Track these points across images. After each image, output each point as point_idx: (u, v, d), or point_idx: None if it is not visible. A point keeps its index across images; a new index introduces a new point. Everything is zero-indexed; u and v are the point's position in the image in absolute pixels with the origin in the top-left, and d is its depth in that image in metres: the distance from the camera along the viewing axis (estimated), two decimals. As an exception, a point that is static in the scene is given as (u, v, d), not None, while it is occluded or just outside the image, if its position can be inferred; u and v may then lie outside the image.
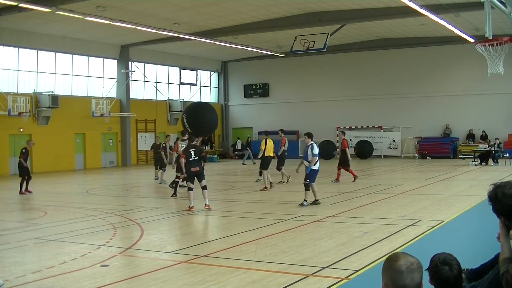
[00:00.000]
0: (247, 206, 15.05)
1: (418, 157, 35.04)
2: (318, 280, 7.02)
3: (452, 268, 3.19)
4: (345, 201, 14.93)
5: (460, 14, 25.15)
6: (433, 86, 35.50)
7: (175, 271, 7.72)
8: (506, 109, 33.48)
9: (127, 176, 28.23)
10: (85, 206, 15.42)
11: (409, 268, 2.66)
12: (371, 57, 37.19)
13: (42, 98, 29.22)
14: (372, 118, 37.31)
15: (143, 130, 36.14)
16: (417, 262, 2.71)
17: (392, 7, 25.57)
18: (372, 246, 8.92)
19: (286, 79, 40.54)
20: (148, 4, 24.95)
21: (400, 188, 18.01)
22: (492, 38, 17.77)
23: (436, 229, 10.40)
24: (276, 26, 29.36)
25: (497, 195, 3.44)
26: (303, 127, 39.34)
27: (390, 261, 2.71)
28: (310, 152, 13.76)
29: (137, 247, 9.52)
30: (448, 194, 16.34)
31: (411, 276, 2.65)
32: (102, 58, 33.71)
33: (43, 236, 10.62)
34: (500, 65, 19.22)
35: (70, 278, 7.49)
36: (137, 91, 36.37)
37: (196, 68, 40.04)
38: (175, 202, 16.21)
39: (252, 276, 7.26)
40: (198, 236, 11.08)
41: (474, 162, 28.27)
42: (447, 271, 3.17)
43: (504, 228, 3.47)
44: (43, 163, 29.36)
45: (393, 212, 12.74)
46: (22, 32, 28.34)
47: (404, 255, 2.73)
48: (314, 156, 13.70)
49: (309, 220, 11.75)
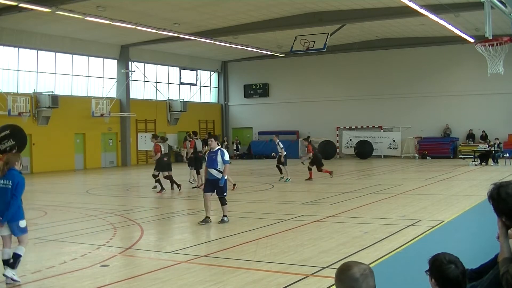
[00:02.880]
0: (247, 206, 15.05)
1: (418, 157, 35.02)
2: (318, 280, 7.03)
3: (458, 266, 3.19)
4: (345, 201, 14.92)
5: (460, 14, 25.14)
6: (433, 86, 35.49)
7: (175, 271, 7.73)
8: (506, 109, 33.47)
9: (127, 176, 28.23)
10: (85, 206, 15.42)
11: (363, 274, 2.71)
12: (371, 57, 37.19)
13: (42, 98, 29.22)
14: (372, 118, 37.29)
15: (143, 130, 36.13)
16: (369, 267, 2.78)
17: (392, 7, 25.56)
18: (372, 246, 8.92)
19: (286, 79, 40.53)
20: (148, 4, 24.95)
21: (400, 188, 18.00)
22: (492, 38, 17.77)
23: (436, 229, 10.41)
24: (276, 26, 29.35)
25: (501, 195, 3.44)
26: (303, 127, 39.43)
27: (343, 271, 2.76)
28: (221, 159, 11.64)
29: (137, 247, 9.53)
30: (448, 194, 16.35)
31: (366, 282, 2.71)
32: (102, 58, 33.70)
33: (43, 236, 10.62)
34: (500, 65, 19.21)
35: (70, 278, 7.50)
36: (137, 91, 36.36)
37: (196, 68, 40.05)
38: (176, 202, 16.22)
39: (252, 276, 7.27)
40: (198, 236, 11.08)
41: (474, 162, 28.26)
42: (454, 270, 3.17)
43: (504, 228, 3.47)
44: (43, 163, 29.35)
45: (393, 212, 12.74)
46: (22, 32, 28.33)
47: (355, 262, 2.80)
48: (226, 164, 11.68)
49: (309, 220, 11.76)
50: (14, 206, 7.12)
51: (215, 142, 11.87)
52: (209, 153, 11.95)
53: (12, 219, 7.18)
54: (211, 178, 11.71)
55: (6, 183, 7.19)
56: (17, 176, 7.27)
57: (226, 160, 11.64)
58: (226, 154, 11.73)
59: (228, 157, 11.83)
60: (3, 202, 7.11)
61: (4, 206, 7.09)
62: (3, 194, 7.14)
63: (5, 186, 7.18)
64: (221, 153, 11.65)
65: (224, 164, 11.63)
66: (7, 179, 7.21)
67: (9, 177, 7.22)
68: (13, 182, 7.17)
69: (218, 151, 11.70)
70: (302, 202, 15.05)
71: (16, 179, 7.20)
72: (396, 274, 7.54)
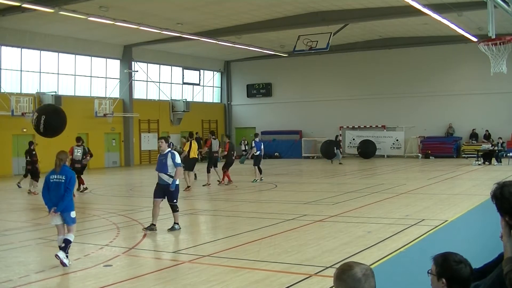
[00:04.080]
0: (250, 206, 15.05)
1: (421, 156, 34.96)
2: (321, 279, 7.02)
3: (466, 265, 3.17)
4: (348, 201, 14.91)
5: (463, 13, 25.10)
6: (436, 85, 35.43)
7: (178, 271, 7.73)
8: (509, 108, 33.40)
9: (130, 176, 28.26)
10: (88, 206, 15.45)
11: (365, 274, 2.70)
12: (373, 56, 37.15)
13: (45, 98, 29.23)
14: (375, 117, 37.26)
15: (146, 130, 36.16)
16: (370, 268, 2.76)
17: (395, 7, 25.52)
18: (375, 246, 8.91)
19: (289, 78, 40.51)
20: (151, 4, 24.96)
21: (403, 188, 17.98)
22: (495, 37, 17.75)
23: (439, 228, 10.39)
24: (279, 26, 29.35)
25: (504, 194, 3.44)
26: (306, 126, 39.44)
27: (344, 270, 2.73)
28: (171, 162, 10.76)
29: (140, 247, 9.53)
30: (451, 193, 16.33)
31: (368, 282, 2.70)
32: (105, 58, 33.73)
33: (46, 236, 10.63)
34: (503, 64, 19.17)
35: (73, 278, 7.51)
36: (140, 91, 36.39)
37: (199, 68, 40.06)
38: (178, 202, 16.19)
39: (255, 275, 7.27)
40: (201, 236, 11.08)
41: (477, 162, 28.21)
42: (465, 269, 3.15)
43: (507, 227, 3.47)
44: (46, 163, 29.18)
45: (396, 212, 12.73)
46: (25, 33, 28.37)
47: (356, 263, 2.78)
48: (178, 167, 10.84)
49: (312, 220, 11.75)
50: (68, 198, 8.08)
51: (165, 144, 11.00)
52: (159, 156, 11.04)
53: (65, 209, 8.08)
54: (162, 184, 10.90)
55: (60, 178, 8.09)
56: (69, 171, 8.27)
57: (177, 163, 10.79)
58: (177, 156, 10.86)
59: (179, 159, 10.94)
60: (57, 195, 8.02)
61: (58, 198, 8.01)
62: (57, 188, 8.05)
63: (59, 180, 8.08)
64: (172, 156, 10.79)
65: (175, 167, 10.77)
66: (61, 174, 8.12)
67: (62, 172, 8.13)
68: (66, 177, 8.08)
69: (169, 154, 10.84)
70: (305, 202, 15.04)
71: (69, 174, 8.16)
72: (399, 274, 7.54)
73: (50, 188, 8.11)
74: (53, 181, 8.11)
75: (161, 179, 10.90)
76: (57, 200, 8.00)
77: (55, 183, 8.07)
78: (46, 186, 8.18)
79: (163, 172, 10.82)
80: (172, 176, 10.77)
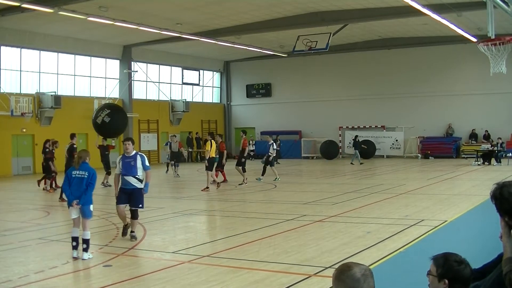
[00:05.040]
0: (250, 206, 15.05)
1: (420, 156, 34.97)
2: (321, 280, 7.02)
3: (467, 265, 3.18)
4: (348, 201, 14.92)
5: (462, 13, 25.10)
6: (435, 86, 35.44)
7: (178, 271, 7.73)
8: (509, 109, 33.41)
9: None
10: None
11: (364, 274, 2.70)
12: (373, 57, 37.16)
13: (44, 99, 29.25)
14: (374, 118, 37.26)
15: (145, 130, 36.15)
16: (369, 268, 2.76)
17: (395, 7, 25.53)
18: (375, 246, 8.92)
19: (289, 79, 40.52)
20: (151, 4, 24.96)
21: (403, 188, 17.99)
22: (495, 37, 17.76)
23: (438, 229, 10.40)
24: (278, 26, 29.35)
25: (503, 195, 3.45)
26: (306, 127, 39.44)
27: (343, 271, 2.72)
28: (141, 165, 10.15)
29: (139, 247, 9.54)
30: (450, 193, 16.33)
31: (367, 282, 2.69)
32: (104, 58, 33.72)
33: (46, 236, 10.64)
34: (503, 65, 19.22)
35: (73, 278, 7.51)
36: (139, 91, 36.39)
37: (198, 68, 40.05)
38: (178, 202, 16.22)
39: (254, 276, 7.27)
40: (201, 236, 11.08)
41: (476, 162, 28.23)
42: (466, 269, 3.16)
43: (507, 228, 3.47)
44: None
45: (395, 212, 12.74)
46: (24, 33, 28.36)
47: (355, 263, 2.77)
48: (147, 170, 10.22)
49: (312, 220, 11.75)
50: (90, 192, 8.74)
51: (132, 146, 10.31)
52: (124, 158, 10.23)
53: (86, 202, 8.70)
54: (128, 188, 10.09)
55: (82, 174, 8.74)
56: (91, 168, 8.88)
57: (147, 165, 10.20)
58: (146, 158, 10.30)
59: (148, 162, 10.36)
60: (79, 190, 8.65)
61: (80, 193, 8.64)
62: (79, 183, 8.69)
63: (81, 176, 8.73)
64: (141, 158, 10.17)
65: (145, 170, 10.16)
66: (83, 170, 8.76)
67: (84, 169, 8.78)
68: (89, 173, 8.74)
69: (137, 156, 10.19)
70: (305, 202, 15.05)
71: (91, 171, 8.81)
72: (399, 274, 7.54)
73: (71, 183, 8.75)
74: (75, 177, 8.75)
75: (128, 183, 10.10)
76: (79, 194, 8.63)
77: (77, 178, 8.73)
78: (67, 181, 8.82)
79: (131, 175, 10.07)
80: (141, 179, 10.15)
